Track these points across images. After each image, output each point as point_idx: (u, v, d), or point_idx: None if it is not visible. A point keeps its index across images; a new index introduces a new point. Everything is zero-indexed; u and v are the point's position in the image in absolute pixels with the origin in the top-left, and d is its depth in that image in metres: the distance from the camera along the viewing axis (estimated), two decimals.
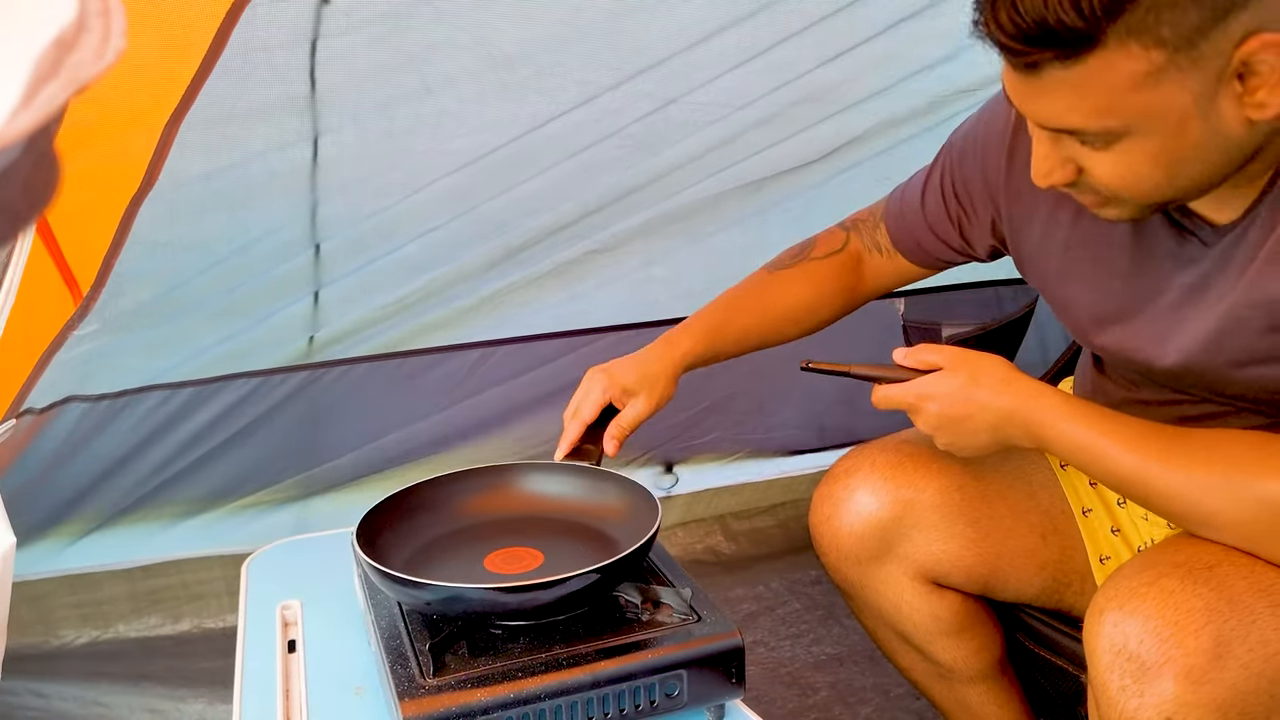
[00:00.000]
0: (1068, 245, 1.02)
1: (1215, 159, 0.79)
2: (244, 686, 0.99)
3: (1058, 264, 1.04)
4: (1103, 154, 0.81)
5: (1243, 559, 0.84)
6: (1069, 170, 0.84)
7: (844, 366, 1.05)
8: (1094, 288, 1.00)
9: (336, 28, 1.30)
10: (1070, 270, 1.02)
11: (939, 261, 1.20)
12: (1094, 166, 0.82)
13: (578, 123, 1.55)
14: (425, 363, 1.85)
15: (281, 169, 1.46)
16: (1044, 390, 0.94)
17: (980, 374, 0.96)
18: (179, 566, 1.82)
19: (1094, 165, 0.82)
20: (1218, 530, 0.85)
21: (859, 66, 1.63)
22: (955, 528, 1.07)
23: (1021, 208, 1.06)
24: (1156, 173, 0.80)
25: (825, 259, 1.25)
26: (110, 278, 1.47)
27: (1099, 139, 0.80)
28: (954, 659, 1.14)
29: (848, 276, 1.25)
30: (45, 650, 1.74)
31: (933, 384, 0.97)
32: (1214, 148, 0.78)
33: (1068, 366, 1.45)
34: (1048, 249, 1.04)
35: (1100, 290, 0.99)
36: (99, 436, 1.68)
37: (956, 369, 0.97)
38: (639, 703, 0.88)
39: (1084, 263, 1.00)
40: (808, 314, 1.24)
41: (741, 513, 2.15)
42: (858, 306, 1.28)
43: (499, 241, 1.70)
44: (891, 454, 1.10)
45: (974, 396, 0.95)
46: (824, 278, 1.24)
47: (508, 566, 0.99)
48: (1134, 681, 0.79)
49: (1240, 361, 0.89)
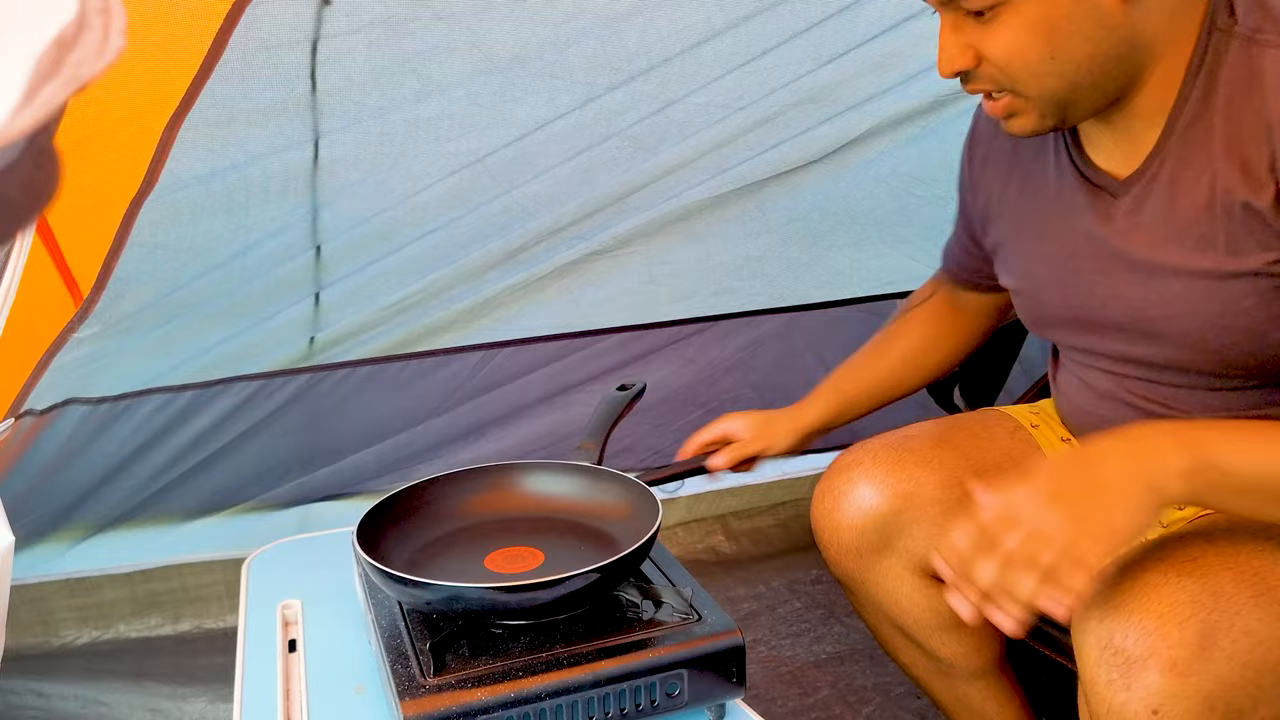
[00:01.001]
0: (1017, 227, 1.08)
1: (1097, 36, 0.85)
2: (244, 685, 0.99)
3: (1014, 248, 1.10)
4: (991, 30, 0.87)
5: (1227, 551, 0.84)
6: (968, 55, 0.90)
7: (666, 473, 1.20)
8: (1038, 259, 1.05)
9: (337, 29, 1.30)
10: (1022, 250, 1.08)
11: (974, 275, 1.25)
12: (987, 46, 0.88)
13: (578, 124, 1.55)
14: (426, 366, 1.85)
15: (282, 170, 1.46)
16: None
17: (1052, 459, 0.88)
18: (179, 570, 1.82)
19: (987, 45, 0.88)
20: None
21: (859, 68, 1.64)
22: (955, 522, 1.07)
23: (980, 204, 1.15)
24: (1039, 45, 0.86)
25: (921, 306, 1.32)
26: (110, 280, 1.47)
27: (984, 8, 0.86)
28: (954, 654, 1.14)
29: (948, 316, 1.31)
30: (46, 650, 1.74)
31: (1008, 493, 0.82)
32: (1092, 22, 0.85)
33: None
34: (1004, 235, 1.11)
35: (1043, 258, 1.04)
36: (99, 440, 1.67)
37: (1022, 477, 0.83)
38: (640, 702, 0.88)
39: (1029, 238, 1.06)
40: (924, 356, 1.31)
41: (742, 512, 2.15)
42: (976, 342, 1.32)
43: (499, 243, 1.71)
44: (892, 448, 1.11)
45: (1079, 455, 0.83)
46: (926, 322, 1.31)
47: (508, 566, 1.00)
48: (1121, 675, 0.80)
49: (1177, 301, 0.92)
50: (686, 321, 1.96)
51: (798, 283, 1.99)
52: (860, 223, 1.91)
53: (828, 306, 2.01)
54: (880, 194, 1.87)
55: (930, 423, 1.17)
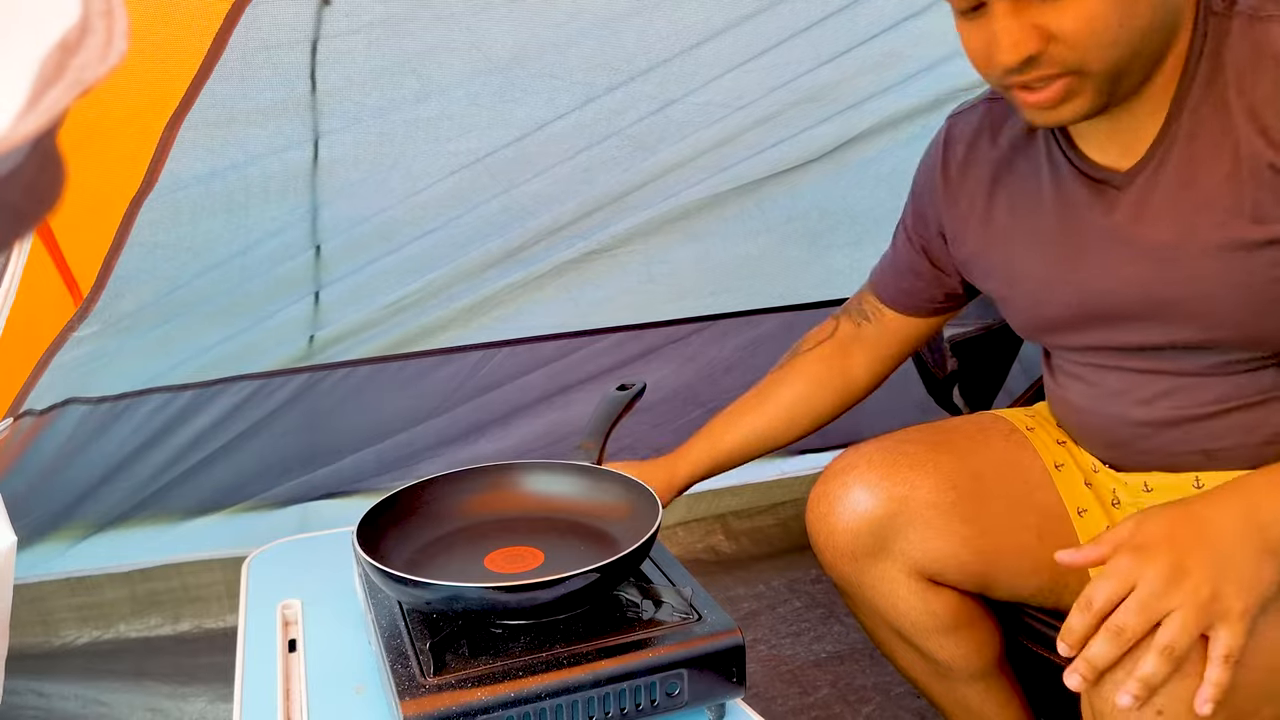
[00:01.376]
0: (1008, 232, 1.08)
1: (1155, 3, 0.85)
2: (244, 685, 0.99)
3: (1001, 253, 1.09)
4: (1060, 4, 0.84)
5: None
6: (1036, 37, 0.86)
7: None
8: (1036, 259, 1.05)
9: (337, 29, 1.30)
10: (1014, 254, 1.08)
11: (926, 305, 1.24)
12: (1058, 22, 0.85)
13: (577, 124, 1.55)
14: (426, 365, 1.85)
15: (282, 170, 1.47)
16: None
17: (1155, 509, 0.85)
18: (179, 569, 1.82)
19: (1058, 21, 0.85)
20: None
21: (858, 67, 1.64)
22: (951, 525, 1.07)
23: (958, 212, 1.13)
24: (1111, 12, 0.84)
25: (813, 349, 1.30)
26: (110, 279, 1.47)
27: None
28: (951, 657, 1.14)
29: (838, 362, 1.29)
30: (46, 649, 1.74)
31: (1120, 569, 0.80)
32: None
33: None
34: (990, 242, 1.10)
35: (1041, 257, 1.04)
36: (99, 439, 1.68)
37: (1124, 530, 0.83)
38: (640, 702, 0.88)
39: (1022, 240, 1.06)
40: (803, 409, 1.28)
41: (742, 512, 2.16)
42: (857, 396, 1.30)
43: (498, 242, 1.71)
44: (887, 452, 1.11)
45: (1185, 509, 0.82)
46: (813, 368, 1.29)
47: (508, 566, 1.00)
48: (1125, 675, 0.79)
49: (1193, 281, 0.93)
50: (685, 321, 1.96)
51: (797, 282, 1.99)
52: (860, 222, 1.91)
53: (827, 306, 2.02)
54: (880, 193, 1.87)
55: (925, 426, 1.17)
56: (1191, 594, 0.76)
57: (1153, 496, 1.07)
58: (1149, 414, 1.03)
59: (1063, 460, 1.14)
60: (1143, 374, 1.02)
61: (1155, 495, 1.07)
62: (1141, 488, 1.09)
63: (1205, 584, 0.77)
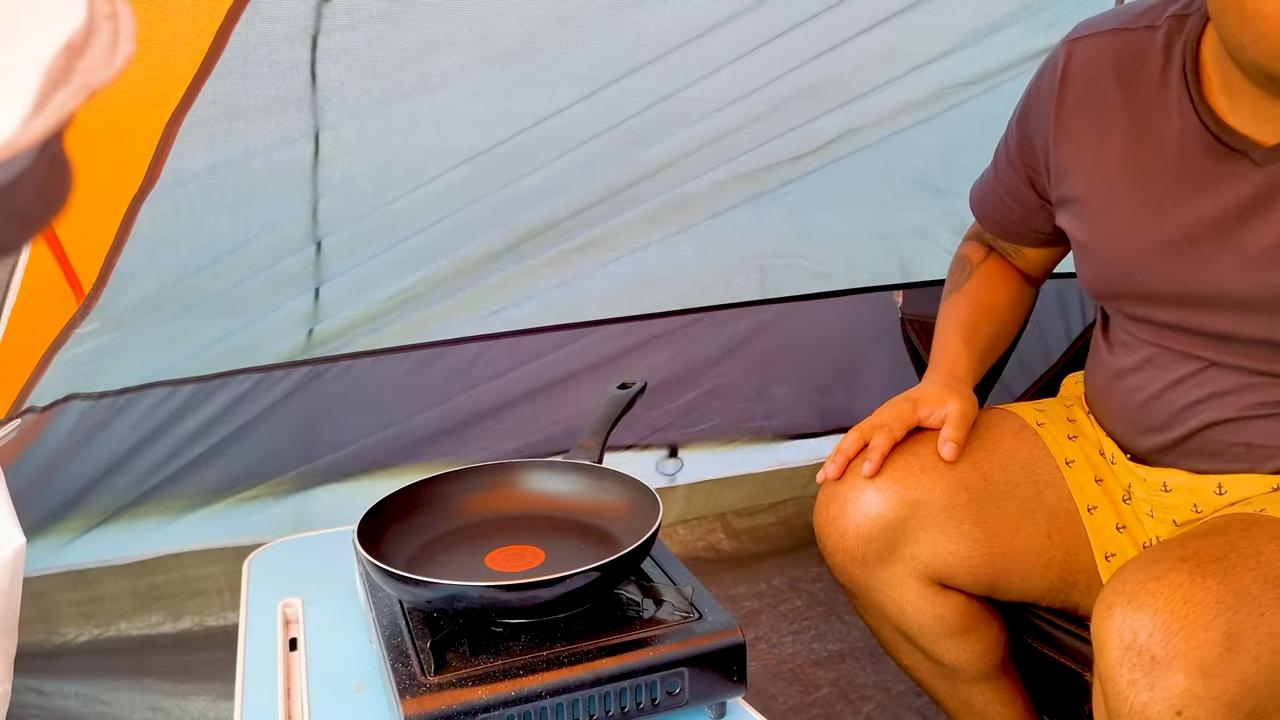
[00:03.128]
0: (1114, 181, 1.03)
1: None
2: (245, 684, 0.99)
3: (1103, 201, 1.05)
4: None
5: (1249, 551, 0.84)
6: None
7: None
8: (1141, 219, 1.01)
9: (337, 24, 1.30)
10: (1117, 206, 1.04)
11: (1031, 232, 1.21)
12: None
13: (577, 118, 1.55)
14: (425, 357, 1.85)
15: (282, 165, 1.46)
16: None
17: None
18: (179, 561, 1.82)
19: None
20: None
21: (858, 60, 1.63)
22: (962, 528, 1.06)
23: (1069, 149, 1.08)
24: None
25: (988, 260, 1.28)
26: (112, 276, 1.47)
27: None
28: (958, 659, 1.13)
29: (1012, 264, 1.28)
30: (47, 648, 1.74)
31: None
32: None
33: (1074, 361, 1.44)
34: (1093, 186, 1.06)
35: (1148, 219, 1.00)
36: (100, 434, 1.68)
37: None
38: (640, 700, 0.88)
39: (1129, 194, 1.02)
40: (1023, 303, 1.28)
41: (743, 510, 2.16)
42: (1036, 293, 1.31)
43: (499, 236, 1.71)
44: (898, 454, 1.09)
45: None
46: (1001, 272, 1.28)
47: (509, 564, 1.00)
48: (1144, 675, 0.79)
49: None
50: (685, 312, 1.96)
51: (795, 273, 1.99)
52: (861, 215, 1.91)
53: (825, 297, 2.02)
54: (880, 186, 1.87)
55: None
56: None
57: (1170, 497, 1.07)
58: (1212, 408, 1.00)
59: (1073, 456, 1.13)
60: (1219, 367, 0.98)
61: (1173, 496, 1.06)
62: (1161, 487, 1.08)
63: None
